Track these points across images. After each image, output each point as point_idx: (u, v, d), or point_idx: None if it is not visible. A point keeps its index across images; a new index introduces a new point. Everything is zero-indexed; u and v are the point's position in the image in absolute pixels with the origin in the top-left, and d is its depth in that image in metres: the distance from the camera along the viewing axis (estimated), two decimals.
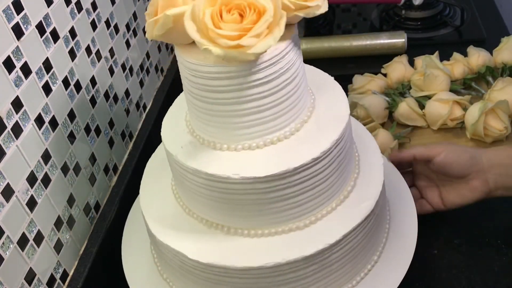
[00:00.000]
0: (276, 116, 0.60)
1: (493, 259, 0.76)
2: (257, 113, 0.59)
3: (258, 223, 0.62)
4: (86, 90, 0.81)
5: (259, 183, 0.58)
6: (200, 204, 0.65)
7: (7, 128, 0.63)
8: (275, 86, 0.58)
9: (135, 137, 0.98)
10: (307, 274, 0.62)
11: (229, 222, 0.63)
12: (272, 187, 0.59)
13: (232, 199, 0.61)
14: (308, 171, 0.59)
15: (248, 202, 0.60)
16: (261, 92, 0.57)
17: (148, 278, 0.73)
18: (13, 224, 0.63)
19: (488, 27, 1.20)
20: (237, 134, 0.60)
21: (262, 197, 0.60)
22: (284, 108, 0.60)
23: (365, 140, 0.73)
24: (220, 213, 0.63)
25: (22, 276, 0.65)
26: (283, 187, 0.59)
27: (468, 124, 0.89)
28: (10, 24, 0.65)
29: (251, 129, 0.60)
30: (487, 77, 1.01)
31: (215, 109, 0.59)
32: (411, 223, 0.73)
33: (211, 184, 0.60)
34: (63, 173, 0.74)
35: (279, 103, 0.59)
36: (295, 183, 0.59)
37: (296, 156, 0.59)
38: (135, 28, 1.00)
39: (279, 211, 0.61)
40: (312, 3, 0.56)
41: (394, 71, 1.02)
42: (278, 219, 0.62)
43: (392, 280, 0.67)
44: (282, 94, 0.59)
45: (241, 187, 0.59)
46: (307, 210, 0.62)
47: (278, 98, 0.59)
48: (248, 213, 0.61)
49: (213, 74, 0.56)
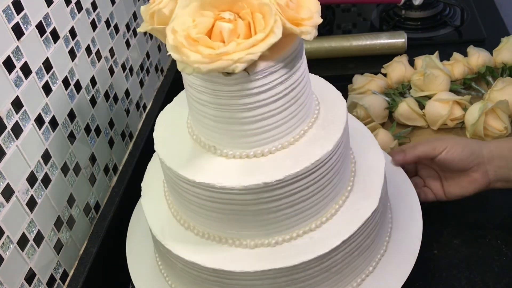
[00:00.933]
0: (282, 123, 0.59)
1: (493, 260, 0.76)
2: (261, 121, 0.58)
3: (257, 233, 0.62)
4: (86, 90, 0.81)
5: (264, 192, 0.57)
6: (195, 214, 0.64)
7: (7, 128, 0.63)
8: (279, 92, 0.57)
9: (135, 137, 0.98)
10: (306, 277, 0.62)
11: (230, 233, 0.63)
12: (274, 195, 0.58)
13: (233, 210, 0.60)
14: (312, 176, 0.59)
15: (249, 212, 0.60)
16: (267, 99, 0.57)
17: (151, 279, 0.73)
18: (13, 224, 0.63)
19: (488, 27, 1.20)
20: (240, 141, 0.59)
21: (265, 207, 0.59)
22: (288, 115, 0.59)
23: (367, 141, 0.73)
24: (224, 224, 0.62)
25: (22, 276, 0.65)
26: (286, 195, 0.59)
27: (468, 124, 0.89)
28: (10, 24, 0.65)
29: (256, 137, 0.59)
30: (487, 77, 1.01)
31: (219, 115, 0.58)
32: (415, 224, 0.73)
33: (211, 195, 0.59)
34: (63, 173, 0.74)
35: (281, 111, 0.58)
36: (299, 189, 0.59)
37: (300, 161, 0.59)
38: (135, 28, 1.00)
39: (278, 221, 0.61)
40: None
41: (394, 71, 1.02)
42: (277, 229, 0.62)
43: (395, 281, 0.67)
44: (286, 101, 0.58)
45: (244, 197, 0.58)
46: (307, 217, 0.62)
47: (281, 105, 0.58)
48: (248, 223, 0.61)
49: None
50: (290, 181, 0.57)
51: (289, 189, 0.58)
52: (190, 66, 0.50)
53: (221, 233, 0.63)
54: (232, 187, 0.57)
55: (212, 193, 0.58)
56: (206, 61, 0.50)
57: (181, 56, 0.50)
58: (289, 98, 0.58)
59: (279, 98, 0.57)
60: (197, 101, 0.59)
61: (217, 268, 0.60)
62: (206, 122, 0.60)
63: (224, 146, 0.60)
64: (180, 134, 0.65)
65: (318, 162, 0.58)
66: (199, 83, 0.57)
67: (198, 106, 0.59)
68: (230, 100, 0.56)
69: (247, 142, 0.59)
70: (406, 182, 0.79)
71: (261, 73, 0.55)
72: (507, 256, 0.76)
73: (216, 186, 0.57)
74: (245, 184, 0.57)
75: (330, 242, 0.61)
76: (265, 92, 0.56)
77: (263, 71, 0.55)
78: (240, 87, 0.55)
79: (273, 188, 0.57)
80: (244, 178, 0.58)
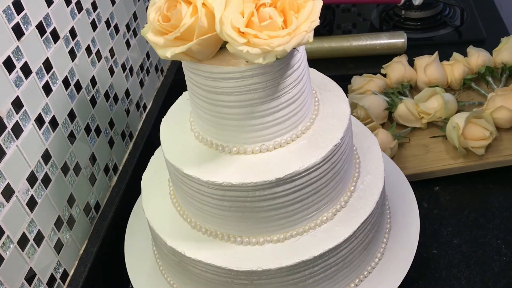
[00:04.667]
0: (288, 117, 0.60)
1: (493, 259, 0.76)
2: (269, 115, 0.59)
3: (262, 230, 0.62)
4: (86, 90, 0.82)
5: (274, 187, 0.58)
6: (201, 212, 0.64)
7: (7, 128, 0.63)
8: (287, 86, 0.58)
9: (135, 137, 0.98)
10: (307, 276, 0.62)
11: (237, 230, 0.63)
12: (282, 191, 0.59)
13: (244, 207, 0.60)
14: (319, 171, 0.60)
15: (258, 209, 0.60)
16: (275, 93, 0.57)
17: (150, 278, 0.74)
18: (13, 224, 0.64)
19: (487, 27, 1.21)
20: (248, 137, 0.60)
21: (272, 203, 0.60)
22: (294, 109, 0.60)
23: (366, 141, 0.73)
24: (231, 221, 0.62)
25: (22, 276, 0.65)
26: (293, 190, 0.59)
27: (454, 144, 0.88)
28: (10, 24, 0.65)
29: (263, 131, 0.60)
30: (487, 77, 1.01)
31: (224, 111, 0.59)
32: (413, 222, 0.74)
33: (221, 193, 0.59)
34: (63, 173, 0.74)
35: (290, 104, 0.59)
36: (305, 185, 0.60)
37: (308, 156, 0.59)
38: (135, 28, 1.00)
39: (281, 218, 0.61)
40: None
41: (393, 71, 1.02)
42: (280, 226, 0.62)
43: (394, 279, 0.68)
44: (293, 94, 0.59)
45: (255, 194, 0.59)
46: (309, 215, 0.63)
47: (290, 98, 0.59)
48: (254, 220, 0.61)
49: (226, 74, 0.56)
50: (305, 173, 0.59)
51: (299, 183, 0.59)
52: (272, 53, 0.51)
53: (229, 231, 0.63)
54: (245, 183, 0.58)
55: (224, 191, 0.59)
56: (287, 40, 0.51)
57: (263, 47, 0.51)
58: (299, 88, 0.59)
59: (292, 88, 0.59)
60: (211, 103, 0.59)
61: (224, 267, 0.61)
62: (215, 121, 0.60)
63: (234, 144, 0.61)
64: (186, 135, 0.65)
65: (335, 148, 0.60)
66: (225, 84, 0.57)
67: (208, 106, 0.60)
68: (256, 94, 0.57)
69: (257, 136, 0.60)
70: (404, 182, 0.79)
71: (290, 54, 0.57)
72: (506, 256, 0.76)
73: (232, 184, 0.58)
74: (257, 180, 0.58)
75: (335, 238, 0.62)
76: (289, 76, 0.58)
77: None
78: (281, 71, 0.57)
79: (284, 183, 0.58)
80: (257, 174, 0.58)
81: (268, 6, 0.53)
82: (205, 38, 0.53)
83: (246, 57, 0.52)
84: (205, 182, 0.59)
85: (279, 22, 0.52)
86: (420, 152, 0.91)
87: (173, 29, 0.53)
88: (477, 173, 0.88)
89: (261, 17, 0.52)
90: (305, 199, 0.61)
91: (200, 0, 0.53)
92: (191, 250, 0.63)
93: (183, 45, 0.53)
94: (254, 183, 0.57)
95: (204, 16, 0.52)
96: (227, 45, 0.53)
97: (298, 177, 0.58)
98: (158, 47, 0.55)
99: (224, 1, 0.52)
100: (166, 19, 0.54)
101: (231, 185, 0.58)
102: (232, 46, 0.52)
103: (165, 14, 0.54)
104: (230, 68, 0.55)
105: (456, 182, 0.87)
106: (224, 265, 0.61)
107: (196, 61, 0.56)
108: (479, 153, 0.86)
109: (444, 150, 0.90)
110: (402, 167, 0.85)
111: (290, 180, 0.58)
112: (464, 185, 0.87)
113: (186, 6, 0.53)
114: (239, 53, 0.52)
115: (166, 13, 0.54)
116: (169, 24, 0.53)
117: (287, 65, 0.57)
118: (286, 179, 0.58)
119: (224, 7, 0.52)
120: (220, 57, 0.57)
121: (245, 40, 0.51)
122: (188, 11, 0.53)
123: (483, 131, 0.85)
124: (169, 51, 0.54)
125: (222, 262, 0.61)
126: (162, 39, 0.54)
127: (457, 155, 0.88)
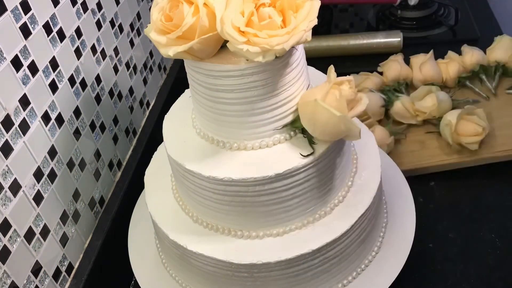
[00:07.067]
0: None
1: (487, 253, 0.76)
2: (269, 112, 0.59)
3: (262, 224, 0.63)
4: (91, 88, 0.82)
5: (272, 182, 0.59)
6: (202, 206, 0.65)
7: (14, 125, 0.64)
8: (286, 83, 0.59)
9: (139, 133, 0.98)
10: (306, 269, 0.63)
11: (237, 224, 0.64)
12: (281, 186, 0.60)
13: (244, 201, 0.61)
14: (317, 167, 0.60)
15: (258, 204, 0.61)
16: (273, 91, 0.58)
17: (153, 271, 0.74)
18: (20, 218, 0.64)
19: (481, 27, 1.21)
20: (248, 133, 0.61)
21: (272, 197, 0.60)
22: (293, 106, 0.61)
23: (363, 137, 0.74)
24: (231, 215, 0.63)
25: (28, 269, 0.65)
26: (290, 186, 0.60)
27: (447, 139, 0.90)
28: (18, 24, 0.65)
29: (262, 128, 0.60)
30: (481, 75, 1.02)
31: (225, 108, 0.60)
32: (409, 217, 0.74)
33: (222, 188, 0.60)
34: (69, 169, 0.75)
35: (289, 101, 0.60)
36: (303, 180, 0.61)
37: (307, 152, 0.60)
38: (139, 28, 1.00)
39: (280, 212, 0.62)
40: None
41: (390, 69, 1.03)
42: (279, 221, 0.63)
43: (390, 272, 0.69)
44: (292, 92, 0.60)
45: (255, 189, 0.59)
46: (307, 209, 0.63)
47: (289, 95, 0.60)
48: (254, 214, 0.62)
49: (226, 72, 0.57)
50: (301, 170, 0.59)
51: (298, 178, 0.60)
52: (271, 51, 0.52)
53: (230, 225, 0.63)
54: (246, 178, 0.58)
55: (225, 186, 0.60)
56: (286, 39, 0.52)
57: (262, 45, 0.52)
58: (297, 86, 0.60)
59: (290, 86, 0.59)
60: (212, 100, 0.60)
61: (225, 260, 0.61)
62: (216, 118, 0.61)
63: (234, 140, 0.61)
64: (188, 131, 0.66)
65: (333, 144, 0.60)
66: (225, 82, 0.58)
67: (210, 103, 0.60)
68: (256, 91, 0.58)
69: (257, 132, 0.60)
70: (401, 177, 0.80)
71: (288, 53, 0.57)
72: (500, 249, 0.77)
73: (233, 179, 0.59)
74: (257, 176, 0.58)
75: (333, 232, 0.62)
76: (288, 74, 0.58)
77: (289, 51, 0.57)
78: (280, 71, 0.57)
79: (283, 178, 0.59)
80: (257, 169, 0.59)
81: (267, 6, 0.53)
82: (206, 37, 0.54)
83: (246, 56, 0.53)
84: (206, 177, 0.60)
85: (278, 22, 0.53)
86: (416, 148, 0.91)
87: (175, 28, 0.54)
88: (471, 169, 0.88)
89: (260, 17, 0.53)
90: (304, 194, 0.61)
91: (202, 0, 0.54)
92: (192, 243, 0.63)
93: (185, 44, 0.54)
94: (254, 178, 0.58)
95: (205, 16, 0.53)
96: (228, 44, 0.54)
97: (297, 172, 0.59)
98: (161, 46, 0.56)
99: (225, 1, 0.53)
100: (168, 19, 0.55)
101: (231, 180, 0.59)
102: (232, 45, 0.53)
103: (168, 14, 0.55)
104: (231, 66, 0.56)
105: (451, 177, 0.88)
106: (225, 258, 0.61)
107: (197, 59, 0.57)
108: (472, 149, 0.87)
109: (439, 146, 0.91)
110: (399, 162, 0.85)
111: (289, 176, 0.59)
112: (459, 180, 0.88)
113: (188, 6, 0.54)
114: (239, 52, 0.53)
115: (168, 13, 0.55)
116: (172, 24, 0.55)
117: (286, 63, 0.58)
118: (285, 175, 0.59)
119: (224, 7, 0.52)
120: (221, 55, 0.57)
121: (245, 39, 0.52)
122: (190, 11, 0.54)
123: (476, 127, 0.87)
124: (172, 50, 0.55)
125: (223, 256, 0.62)
126: (165, 38, 0.55)
127: (452, 151, 0.89)
